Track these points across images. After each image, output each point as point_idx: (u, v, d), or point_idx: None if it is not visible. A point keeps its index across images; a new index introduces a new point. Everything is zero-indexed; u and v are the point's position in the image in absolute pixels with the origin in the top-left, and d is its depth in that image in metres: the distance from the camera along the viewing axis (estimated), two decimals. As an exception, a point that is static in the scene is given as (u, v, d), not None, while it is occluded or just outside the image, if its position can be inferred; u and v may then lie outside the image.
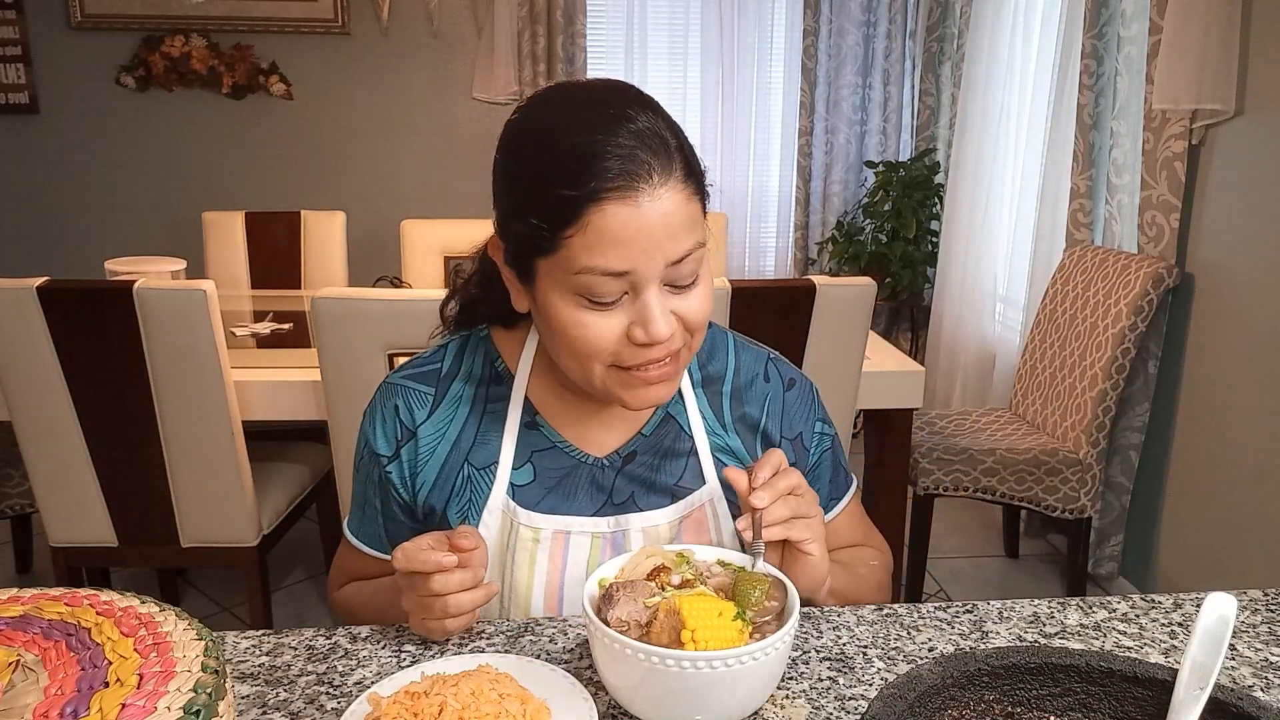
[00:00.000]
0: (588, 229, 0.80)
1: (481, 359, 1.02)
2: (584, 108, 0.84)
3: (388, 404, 1.01)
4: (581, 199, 0.80)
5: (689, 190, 0.84)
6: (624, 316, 0.85)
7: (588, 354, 0.86)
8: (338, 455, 2.01)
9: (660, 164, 0.82)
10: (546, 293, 0.86)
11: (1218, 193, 2.38)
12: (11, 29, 3.74)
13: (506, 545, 0.97)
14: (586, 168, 0.80)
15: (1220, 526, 2.39)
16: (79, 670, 0.61)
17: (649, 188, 0.81)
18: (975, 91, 3.48)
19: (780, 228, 4.20)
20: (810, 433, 1.06)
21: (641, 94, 0.87)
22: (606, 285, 0.82)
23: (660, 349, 0.86)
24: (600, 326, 0.85)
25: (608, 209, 0.80)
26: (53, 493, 2.06)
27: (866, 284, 1.96)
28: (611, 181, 0.80)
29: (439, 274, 3.17)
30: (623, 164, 0.80)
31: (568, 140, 0.82)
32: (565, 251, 0.82)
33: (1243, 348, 2.30)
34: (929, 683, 0.68)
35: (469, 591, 0.85)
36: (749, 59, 4.00)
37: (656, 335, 0.84)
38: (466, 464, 0.99)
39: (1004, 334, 3.48)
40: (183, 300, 1.87)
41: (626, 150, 0.81)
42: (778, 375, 1.05)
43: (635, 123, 0.82)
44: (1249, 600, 0.96)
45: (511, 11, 3.83)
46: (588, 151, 0.81)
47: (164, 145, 3.91)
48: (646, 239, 0.81)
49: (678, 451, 1.00)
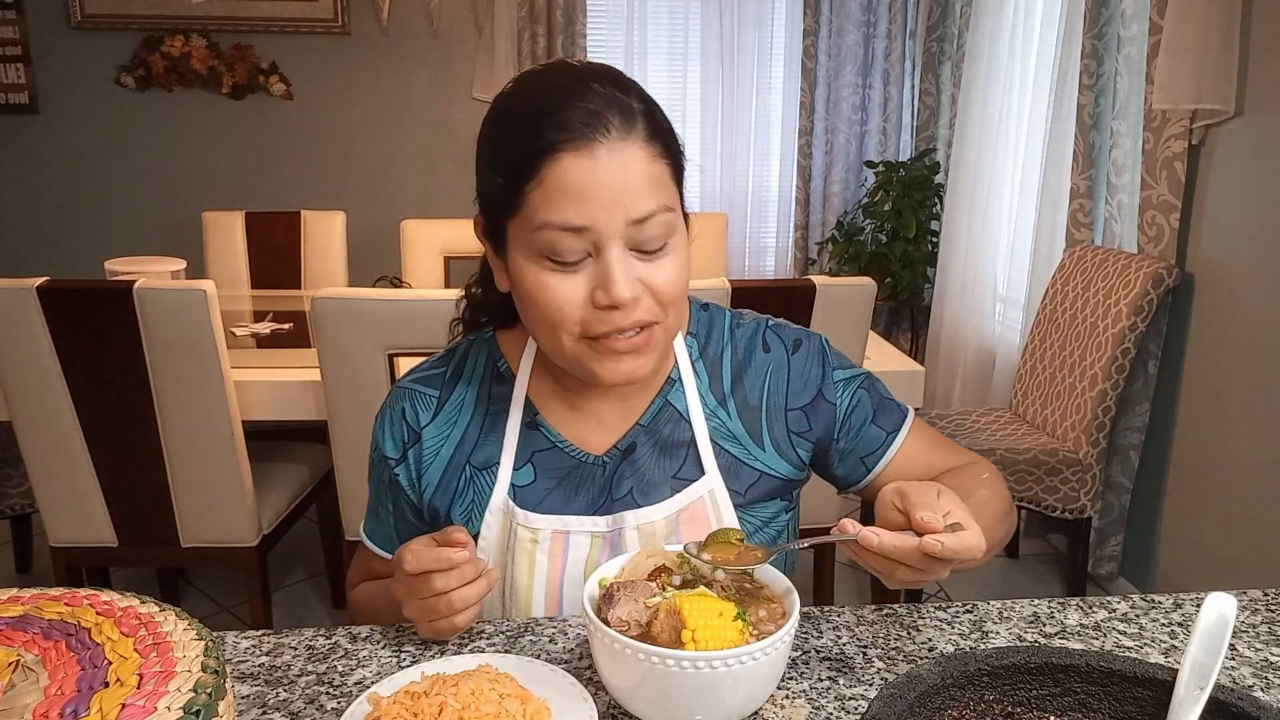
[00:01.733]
0: (545, 182, 0.81)
1: (485, 359, 1.02)
2: (556, 75, 0.86)
3: (395, 407, 1.01)
4: (539, 151, 0.81)
5: (653, 150, 0.84)
6: (588, 280, 0.84)
7: (555, 321, 0.85)
8: (338, 455, 2.01)
9: (622, 120, 0.82)
10: (515, 258, 0.86)
11: (1218, 193, 2.38)
12: (11, 29, 3.73)
13: (506, 546, 0.97)
14: (545, 120, 0.81)
15: (1220, 526, 2.39)
16: (79, 670, 0.61)
17: (607, 140, 0.81)
18: (975, 91, 3.48)
19: (780, 228, 4.20)
20: (831, 385, 1.01)
21: (620, 73, 0.88)
22: (566, 241, 0.82)
23: (625, 315, 0.84)
24: (563, 288, 0.84)
25: (564, 160, 0.80)
26: (53, 493, 2.06)
27: (866, 284, 1.96)
28: (568, 133, 0.81)
29: (439, 274, 3.17)
30: (581, 116, 0.81)
31: (531, 101, 0.84)
32: (526, 209, 0.83)
33: (1243, 348, 2.30)
34: (929, 683, 0.68)
35: (471, 584, 0.85)
36: (749, 59, 4.00)
37: (618, 296, 0.82)
38: (469, 465, 0.99)
39: (1004, 334, 3.48)
40: (183, 300, 1.87)
41: (586, 105, 0.81)
42: (778, 341, 1.02)
43: (602, 85, 0.83)
44: (1249, 600, 0.96)
45: (511, 11, 3.83)
46: (548, 106, 0.82)
47: (164, 145, 3.91)
48: (605, 193, 0.81)
49: (677, 441, 0.98)
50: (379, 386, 1.89)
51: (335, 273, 3.24)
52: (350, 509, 2.07)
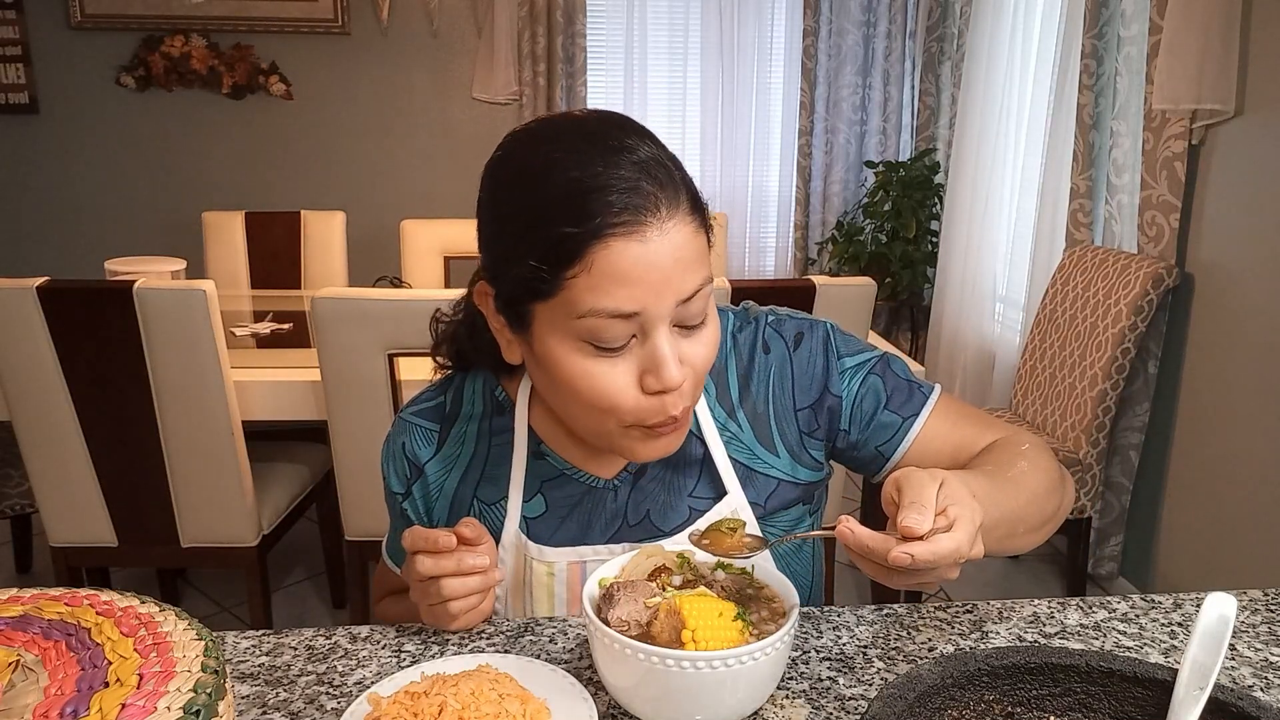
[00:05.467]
0: (592, 268, 0.75)
1: (481, 388, 0.99)
2: (578, 139, 0.79)
3: (397, 441, 0.99)
4: (585, 236, 0.75)
5: (696, 223, 0.79)
6: (633, 363, 0.80)
7: (603, 409, 0.81)
8: (338, 455, 2.01)
9: (667, 196, 0.77)
10: (545, 340, 0.80)
11: (1218, 193, 2.38)
12: (11, 29, 3.74)
13: (524, 580, 0.95)
14: (589, 202, 0.75)
15: (1220, 526, 2.39)
16: (79, 670, 0.61)
17: (656, 221, 0.76)
18: (975, 91, 3.48)
19: (780, 228, 4.21)
20: (836, 377, 0.95)
21: (634, 123, 0.82)
22: (614, 329, 0.77)
23: (676, 400, 0.80)
24: (610, 376, 0.79)
25: (614, 245, 0.75)
26: (53, 493, 2.06)
27: (866, 284, 1.96)
28: (617, 216, 0.75)
29: (439, 274, 3.18)
30: (628, 197, 0.75)
31: (564, 174, 0.76)
32: (567, 294, 0.76)
33: (1243, 348, 2.30)
34: (929, 683, 0.68)
35: (462, 578, 0.85)
36: (749, 59, 4.00)
37: (669, 381, 0.78)
38: (476, 500, 0.97)
39: (1004, 334, 3.48)
40: (183, 300, 1.87)
41: (630, 182, 0.76)
42: (779, 338, 0.96)
43: (636, 153, 0.77)
44: (1249, 600, 0.96)
45: (511, 11, 3.83)
46: (589, 185, 0.75)
47: (164, 145, 3.91)
48: (656, 276, 0.76)
49: (689, 458, 0.94)
50: (379, 386, 1.89)
51: (335, 273, 3.24)
52: (350, 509, 2.07)
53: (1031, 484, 0.86)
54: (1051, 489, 0.89)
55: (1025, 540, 0.87)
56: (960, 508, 0.70)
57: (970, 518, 0.70)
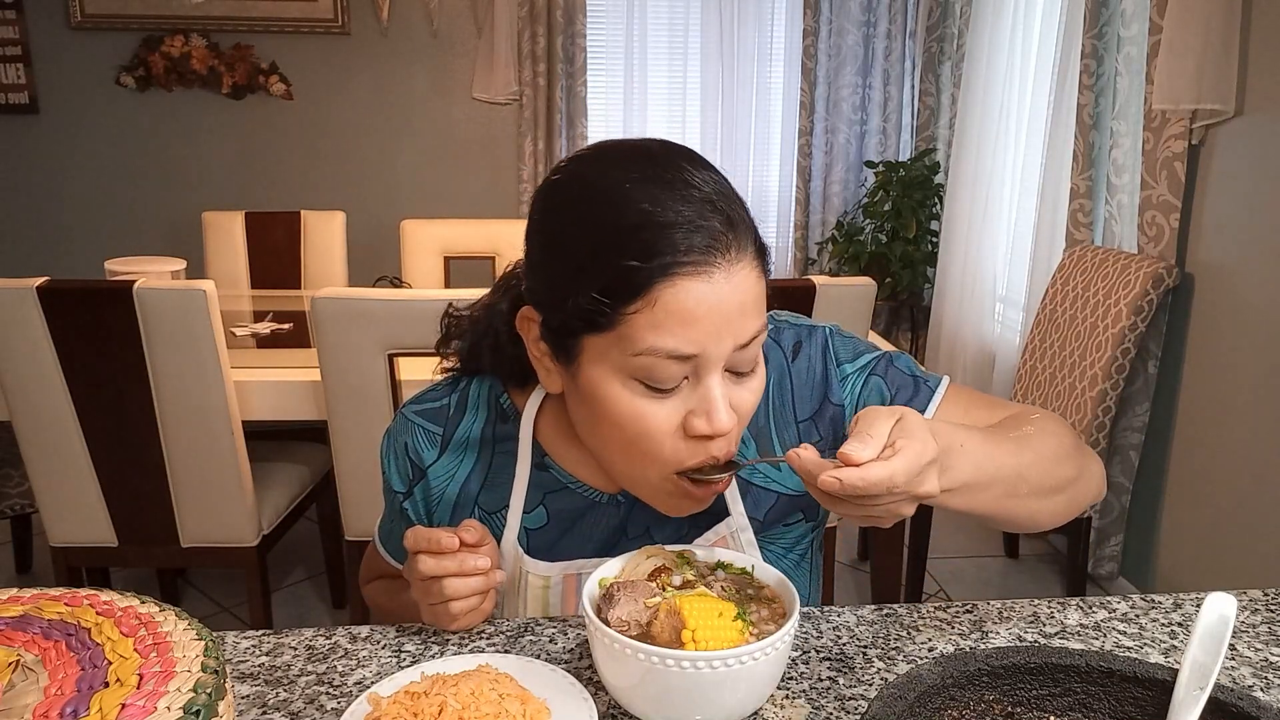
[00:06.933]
0: (656, 305, 0.73)
1: (488, 393, 0.97)
2: (645, 166, 0.76)
3: (399, 439, 0.98)
4: (653, 271, 0.72)
5: (760, 268, 0.78)
6: (680, 405, 0.77)
7: (648, 452, 0.78)
8: (338, 455, 2.00)
9: (737, 237, 0.75)
10: (592, 374, 0.78)
11: (1218, 193, 2.38)
12: (11, 29, 3.74)
13: (518, 590, 0.95)
14: (659, 237, 0.73)
15: (1220, 526, 2.39)
16: (79, 670, 0.61)
17: (725, 263, 0.74)
18: (975, 91, 3.48)
19: (780, 228, 4.21)
20: (837, 385, 0.93)
21: (699, 155, 0.80)
22: (669, 369, 0.75)
23: (722, 445, 0.78)
24: (657, 418, 0.77)
25: (680, 284, 0.73)
26: (53, 493, 2.06)
27: (866, 284, 1.96)
28: (687, 255, 0.73)
29: (439, 274, 3.18)
30: (700, 236, 0.73)
31: (635, 206, 0.74)
32: (624, 329, 0.74)
33: (1243, 348, 2.30)
34: (929, 683, 0.68)
35: (464, 579, 0.85)
36: (749, 59, 4.00)
37: (719, 426, 0.76)
38: (477, 507, 0.96)
39: (1004, 334, 3.49)
40: (183, 300, 1.87)
41: (703, 221, 0.74)
42: (776, 348, 0.94)
43: (703, 189, 0.75)
44: (1249, 600, 0.96)
45: (511, 11, 3.83)
46: (661, 219, 0.73)
47: (164, 145, 3.92)
48: (718, 319, 0.74)
49: None
50: (379, 386, 1.89)
51: (335, 273, 3.24)
52: (350, 509, 2.07)
53: (1037, 445, 0.83)
54: (1062, 455, 0.85)
55: (1033, 505, 0.82)
56: (909, 440, 0.67)
57: (918, 450, 0.67)
